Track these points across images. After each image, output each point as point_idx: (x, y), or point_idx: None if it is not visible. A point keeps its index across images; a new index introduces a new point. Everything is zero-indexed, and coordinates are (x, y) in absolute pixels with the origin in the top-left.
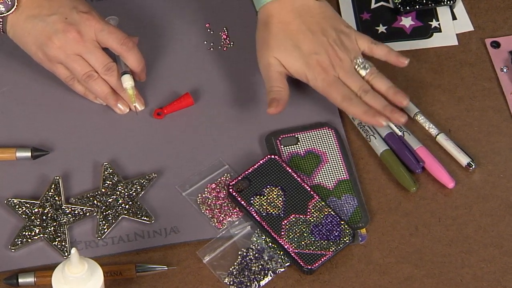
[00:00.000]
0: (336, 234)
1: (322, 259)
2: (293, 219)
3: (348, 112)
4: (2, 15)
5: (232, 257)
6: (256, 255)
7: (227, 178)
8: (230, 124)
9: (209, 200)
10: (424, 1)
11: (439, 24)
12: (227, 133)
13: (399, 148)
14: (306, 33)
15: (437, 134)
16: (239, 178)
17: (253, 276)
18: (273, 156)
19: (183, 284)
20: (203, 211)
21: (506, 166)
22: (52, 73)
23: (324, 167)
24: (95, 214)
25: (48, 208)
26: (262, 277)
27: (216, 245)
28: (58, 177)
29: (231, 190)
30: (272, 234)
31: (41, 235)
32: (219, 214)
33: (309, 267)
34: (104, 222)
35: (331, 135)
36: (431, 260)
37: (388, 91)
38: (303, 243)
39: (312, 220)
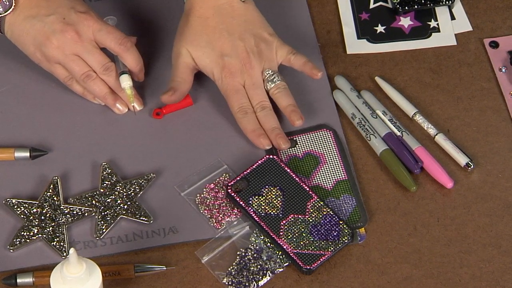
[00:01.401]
0: (335, 234)
1: (321, 259)
2: (292, 219)
3: (239, 124)
4: (0, 15)
5: (230, 257)
6: (255, 255)
7: (226, 178)
8: (229, 124)
9: (208, 200)
10: (423, 1)
11: (437, 24)
12: (226, 133)
13: (397, 148)
14: (222, 32)
15: (436, 134)
16: (238, 178)
17: (251, 276)
18: (271, 156)
19: (182, 284)
20: (201, 211)
21: (504, 166)
22: (51, 73)
23: (322, 168)
24: (93, 214)
25: (47, 208)
26: (260, 277)
27: (215, 245)
28: (56, 177)
29: (229, 190)
30: (271, 234)
31: (40, 235)
32: (218, 214)
33: (308, 267)
34: (102, 222)
35: (329, 136)
36: (430, 260)
37: (286, 108)
38: (302, 243)
39: (310, 220)
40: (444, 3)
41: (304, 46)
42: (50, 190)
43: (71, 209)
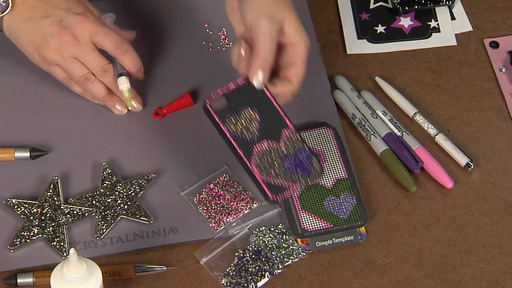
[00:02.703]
0: (306, 168)
1: (288, 192)
2: (266, 146)
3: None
4: None
5: (229, 258)
6: (253, 256)
7: (226, 179)
8: None
9: (207, 201)
10: (423, 1)
11: (438, 24)
12: None
13: (398, 148)
14: None
15: (436, 134)
16: (219, 94)
17: (250, 277)
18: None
19: (182, 284)
20: (200, 211)
21: (505, 166)
22: (50, 73)
23: (322, 166)
24: (94, 214)
25: (47, 208)
26: (259, 278)
27: (214, 246)
28: (57, 177)
29: (208, 105)
30: (244, 158)
31: (40, 235)
32: (216, 215)
33: (275, 197)
34: (103, 222)
35: (330, 134)
36: (430, 260)
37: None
38: (272, 172)
39: (284, 150)
40: (444, 3)
41: None
42: (51, 190)
43: (72, 209)
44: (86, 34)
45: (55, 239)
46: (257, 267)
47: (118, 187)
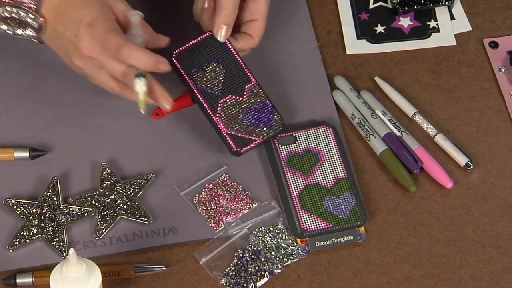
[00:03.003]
0: (268, 121)
1: (252, 144)
2: (229, 100)
3: None
4: (35, 37)
5: (228, 258)
6: (253, 256)
7: (226, 179)
8: None
9: (206, 201)
10: (423, 1)
11: (437, 24)
12: None
13: (397, 148)
14: None
15: (436, 134)
16: (183, 48)
17: (249, 277)
18: None
19: (182, 284)
20: (199, 211)
21: (504, 166)
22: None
23: (322, 165)
24: (93, 214)
25: (46, 208)
26: (258, 278)
27: (213, 246)
28: (56, 177)
29: (173, 58)
30: (208, 111)
31: (39, 235)
32: (215, 215)
33: (238, 149)
34: (102, 222)
35: (329, 133)
36: (430, 260)
37: None
38: (236, 125)
39: (247, 104)
40: (443, 3)
41: (304, 46)
42: (50, 190)
43: (71, 209)
44: (97, 46)
45: (55, 239)
46: (257, 267)
47: (118, 187)
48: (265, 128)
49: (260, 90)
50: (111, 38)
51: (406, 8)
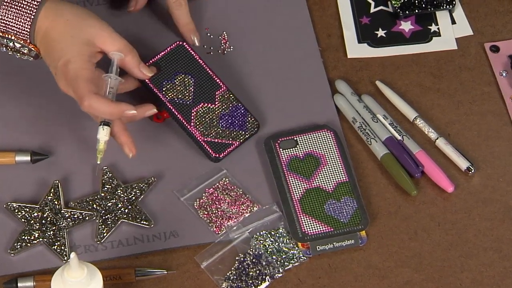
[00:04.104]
0: (243, 124)
1: (230, 149)
2: (202, 108)
3: (172, 16)
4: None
5: (230, 262)
6: (254, 260)
7: (226, 183)
8: None
9: (207, 205)
10: (424, 6)
11: (438, 29)
12: None
13: (398, 152)
14: None
15: (437, 138)
16: (151, 61)
17: (250, 281)
18: (181, 43)
19: None
20: (201, 215)
21: (505, 170)
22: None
23: (323, 169)
24: (94, 218)
25: (48, 212)
26: (259, 282)
27: (214, 250)
28: (57, 181)
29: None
30: (183, 122)
31: (41, 239)
32: (217, 219)
33: (217, 155)
34: (103, 226)
35: (330, 137)
36: (431, 264)
37: (185, 26)
38: (211, 132)
39: (220, 110)
40: (444, 7)
41: (305, 50)
42: (51, 194)
43: (72, 213)
44: (69, 88)
45: (56, 243)
46: (258, 271)
47: (119, 191)
48: (241, 131)
49: (231, 95)
50: (76, 86)
51: (407, 12)
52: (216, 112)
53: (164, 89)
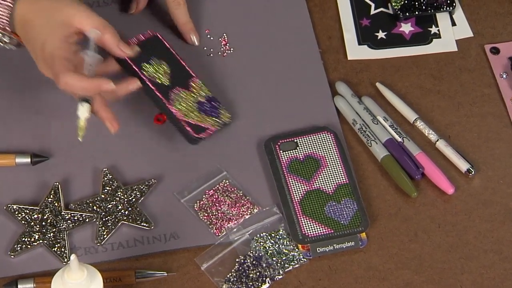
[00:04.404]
0: (216, 113)
1: (207, 132)
2: (179, 91)
3: (171, 14)
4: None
5: (230, 264)
6: (254, 262)
7: (226, 185)
8: (229, 129)
9: (207, 207)
10: (424, 7)
11: (438, 30)
12: (227, 139)
13: (398, 154)
14: None
15: (437, 140)
16: (131, 44)
17: (250, 283)
18: (156, 34)
19: None
20: (201, 217)
21: (505, 172)
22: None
23: (323, 171)
24: (94, 220)
25: (48, 214)
26: (260, 284)
27: (214, 252)
28: (57, 183)
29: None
30: (163, 100)
31: (41, 241)
32: (217, 221)
33: (197, 135)
34: (103, 228)
35: (330, 139)
36: (431, 266)
37: (185, 25)
38: (190, 114)
39: (195, 96)
40: (444, 9)
41: (305, 51)
42: (51, 196)
43: (72, 215)
44: (48, 69)
45: (56, 245)
46: (258, 273)
47: (119, 193)
48: (216, 120)
49: (204, 86)
50: (52, 64)
51: (407, 14)
52: (192, 97)
53: (143, 67)
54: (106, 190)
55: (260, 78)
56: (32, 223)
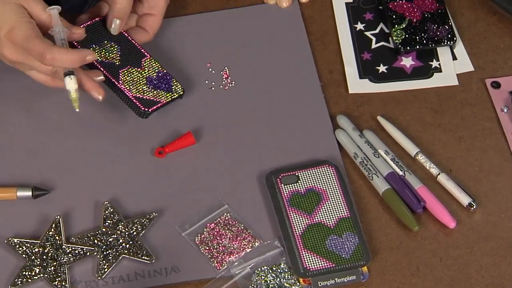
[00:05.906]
0: (169, 87)
1: (158, 105)
2: (129, 70)
3: None
4: None
5: None
6: None
7: (227, 218)
8: (230, 163)
9: (208, 240)
10: (425, 42)
11: (439, 64)
12: (228, 172)
13: (400, 187)
14: None
15: (438, 174)
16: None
17: None
18: (98, 19)
19: None
20: (202, 251)
21: (507, 206)
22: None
23: (324, 205)
24: (95, 253)
25: (49, 247)
26: None
27: (216, 286)
28: (58, 216)
29: None
30: (111, 79)
31: (41, 275)
32: (218, 254)
33: (146, 109)
34: (104, 261)
35: (332, 172)
36: None
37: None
38: (139, 90)
39: (146, 73)
40: (445, 43)
41: (307, 85)
42: (52, 230)
43: (73, 248)
44: (19, 52)
45: (57, 279)
46: None
47: (120, 226)
48: (168, 93)
49: (156, 63)
50: (32, 45)
51: (408, 48)
52: (142, 74)
53: (91, 49)
54: (107, 224)
55: (261, 111)
56: (33, 257)
